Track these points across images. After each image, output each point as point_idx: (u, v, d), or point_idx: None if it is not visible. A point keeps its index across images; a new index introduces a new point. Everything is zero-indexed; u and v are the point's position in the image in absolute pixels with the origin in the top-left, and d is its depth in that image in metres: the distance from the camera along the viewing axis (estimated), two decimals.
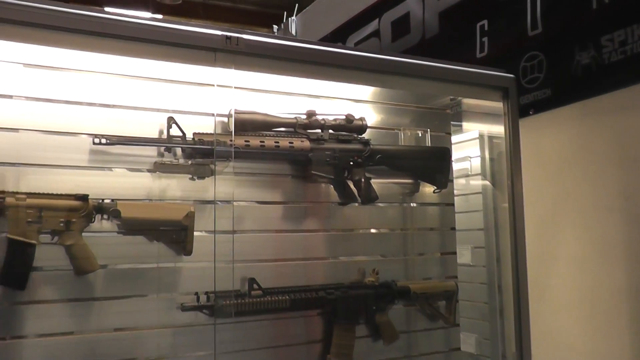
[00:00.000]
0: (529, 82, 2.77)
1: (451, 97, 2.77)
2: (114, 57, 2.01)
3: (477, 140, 2.86)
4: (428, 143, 2.73)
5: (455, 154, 2.81)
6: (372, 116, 2.61)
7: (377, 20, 4.00)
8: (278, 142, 2.26)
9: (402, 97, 2.70)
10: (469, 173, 2.92)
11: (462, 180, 2.92)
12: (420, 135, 2.73)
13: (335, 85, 2.49)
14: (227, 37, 1.98)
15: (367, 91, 2.62)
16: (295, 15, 5.02)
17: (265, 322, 2.25)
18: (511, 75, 2.65)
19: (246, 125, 2.20)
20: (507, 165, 2.61)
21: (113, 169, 2.06)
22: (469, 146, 2.90)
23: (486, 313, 2.79)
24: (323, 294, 2.32)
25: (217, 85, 2.08)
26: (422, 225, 2.72)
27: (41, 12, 1.75)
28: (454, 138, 2.84)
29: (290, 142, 2.30)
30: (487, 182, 2.82)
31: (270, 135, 2.27)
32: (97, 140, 1.96)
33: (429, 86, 2.60)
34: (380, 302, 2.48)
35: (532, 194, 2.63)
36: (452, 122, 2.84)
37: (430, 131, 2.73)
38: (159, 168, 2.10)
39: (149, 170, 2.10)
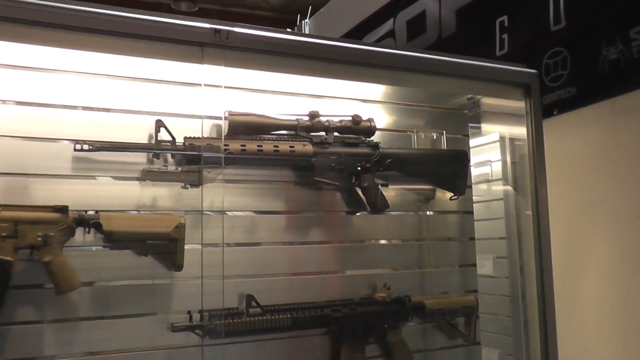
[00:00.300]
0: (552, 80, 2.67)
1: (469, 96, 2.73)
2: (95, 55, 1.95)
3: (498, 143, 2.80)
4: (444, 146, 2.64)
5: (474, 157, 2.75)
6: (382, 117, 2.52)
7: (391, 19, 3.96)
8: (277, 147, 2.17)
9: (415, 96, 2.62)
10: (490, 178, 2.85)
11: (483, 186, 2.86)
12: (435, 137, 2.64)
13: (341, 84, 2.40)
14: (216, 30, 1.86)
15: (376, 90, 2.53)
16: (309, 18, 5.00)
17: (264, 342, 2.14)
18: (533, 71, 2.62)
19: (240, 128, 2.10)
20: (530, 169, 2.55)
21: (97, 177, 1.96)
22: (489, 149, 2.83)
23: (509, 327, 2.72)
24: (329, 312, 2.22)
25: (205, 85, 1.99)
26: (439, 235, 2.62)
27: (12, 5, 1.66)
28: (473, 141, 2.77)
29: (291, 146, 2.20)
30: (509, 188, 2.74)
31: (269, 139, 2.17)
32: (79, 147, 1.87)
33: (446, 84, 2.54)
34: (393, 320, 2.36)
35: (557, 199, 2.56)
36: (470, 124, 2.78)
37: (446, 133, 2.64)
38: (147, 176, 2.01)
39: (137, 179, 2.00)
